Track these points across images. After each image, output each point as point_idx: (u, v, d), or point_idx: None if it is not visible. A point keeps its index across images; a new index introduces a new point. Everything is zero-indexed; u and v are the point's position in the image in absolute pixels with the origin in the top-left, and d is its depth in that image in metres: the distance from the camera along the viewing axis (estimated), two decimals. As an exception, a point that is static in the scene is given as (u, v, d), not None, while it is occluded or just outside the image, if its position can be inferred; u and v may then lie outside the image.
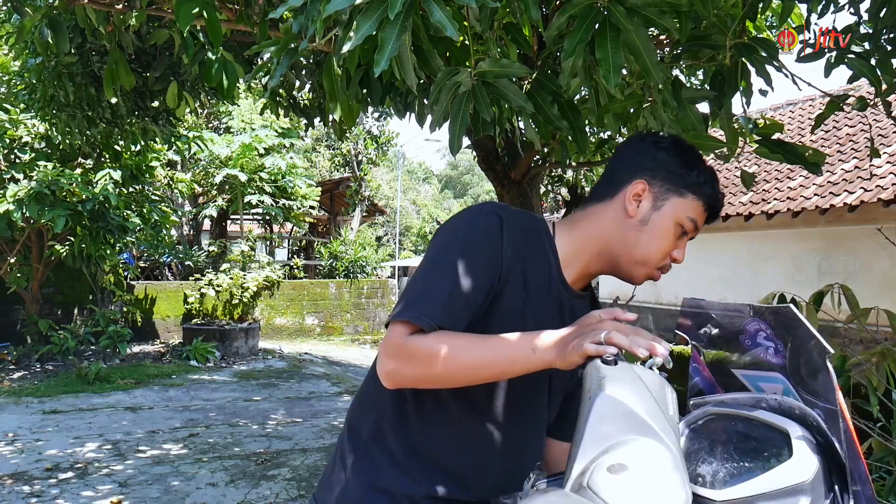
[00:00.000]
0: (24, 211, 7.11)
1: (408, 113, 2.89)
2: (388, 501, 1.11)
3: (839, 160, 7.13)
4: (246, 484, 4.32)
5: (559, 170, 6.34)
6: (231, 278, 11.10)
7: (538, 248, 1.15)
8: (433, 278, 1.07)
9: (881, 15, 1.88)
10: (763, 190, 7.59)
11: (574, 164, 4.73)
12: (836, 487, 0.95)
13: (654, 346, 0.94)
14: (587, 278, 1.22)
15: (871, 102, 2.20)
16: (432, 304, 1.03)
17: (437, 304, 1.03)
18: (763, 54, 1.73)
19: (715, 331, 1.26)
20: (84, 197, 7.44)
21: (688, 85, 2.45)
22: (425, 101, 2.56)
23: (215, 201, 12.13)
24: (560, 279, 1.17)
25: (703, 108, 1.98)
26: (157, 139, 5.64)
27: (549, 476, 1.12)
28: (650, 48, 1.40)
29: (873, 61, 1.97)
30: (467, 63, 1.54)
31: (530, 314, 1.12)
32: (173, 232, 11.73)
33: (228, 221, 13.58)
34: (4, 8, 3.98)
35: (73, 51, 3.77)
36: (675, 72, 2.20)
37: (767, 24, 3.50)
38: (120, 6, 2.98)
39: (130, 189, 8.38)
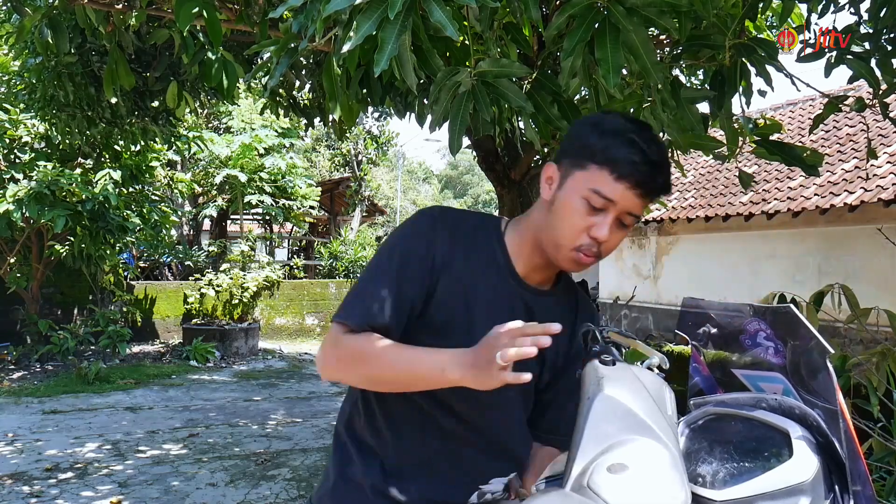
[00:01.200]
0: (23, 211, 7.11)
1: (408, 113, 2.89)
2: (352, 489, 1.17)
3: (839, 160, 7.13)
4: (246, 484, 4.32)
5: (559, 170, 6.33)
6: (231, 278, 11.10)
7: (483, 245, 1.16)
8: (368, 282, 1.12)
9: (881, 15, 1.88)
10: (763, 190, 7.59)
11: (574, 164, 4.73)
12: (837, 487, 0.95)
13: (539, 339, 0.91)
14: (543, 271, 1.18)
15: (870, 103, 2.20)
16: (365, 306, 1.09)
17: (369, 306, 1.09)
18: (762, 54, 1.73)
19: (715, 331, 1.26)
20: (84, 197, 7.44)
21: (688, 85, 2.45)
22: (425, 101, 2.56)
23: (215, 201, 12.13)
24: (510, 273, 1.16)
25: (704, 107, 1.98)
26: (157, 139, 5.64)
27: (547, 478, 1.12)
28: (650, 48, 1.40)
29: (874, 61, 1.97)
30: (467, 63, 1.54)
31: (472, 308, 1.13)
32: (173, 232, 11.73)
33: (228, 221, 13.57)
34: (4, 8, 3.98)
35: (72, 51, 3.77)
36: (675, 72, 2.20)
37: (767, 24, 3.50)
38: (120, 6, 2.98)
39: (130, 189, 8.38)
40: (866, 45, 1.98)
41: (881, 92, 2.04)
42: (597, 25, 1.36)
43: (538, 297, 1.18)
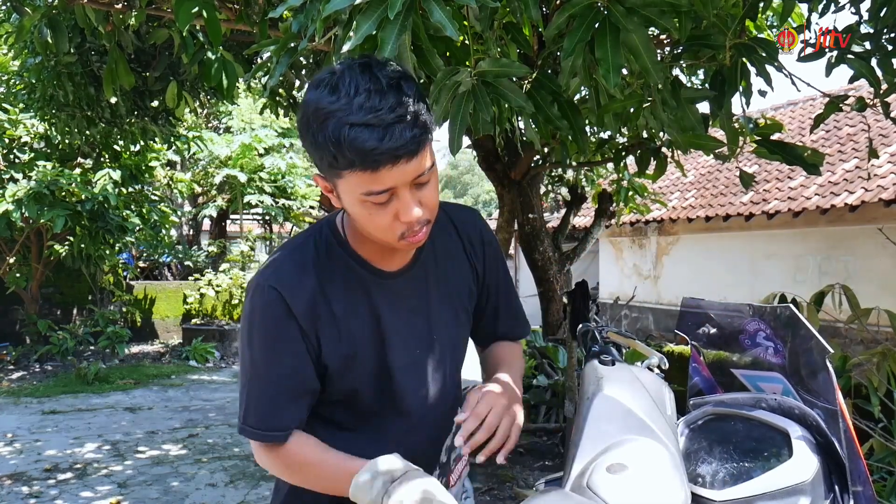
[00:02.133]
0: (23, 211, 7.11)
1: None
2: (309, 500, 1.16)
3: (840, 160, 7.13)
4: (245, 484, 4.31)
5: (559, 170, 6.35)
6: (231, 278, 11.09)
7: (337, 266, 1.09)
8: (255, 385, 1.07)
9: (882, 15, 1.88)
10: (763, 190, 7.59)
11: (574, 164, 4.74)
12: (837, 487, 0.94)
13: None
14: (392, 253, 1.11)
15: (871, 103, 2.20)
16: (266, 415, 1.06)
17: (268, 413, 1.06)
18: (763, 54, 1.73)
19: (714, 331, 1.25)
20: (83, 197, 7.44)
21: (688, 85, 2.45)
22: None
23: (215, 201, 12.12)
24: (371, 272, 1.10)
25: (704, 107, 1.98)
26: (157, 139, 5.64)
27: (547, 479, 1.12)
28: (650, 48, 1.40)
29: (874, 61, 1.97)
30: (467, 63, 1.54)
31: (350, 334, 1.09)
32: (173, 232, 11.73)
33: (228, 221, 13.57)
34: (4, 7, 3.98)
35: (72, 50, 3.77)
36: (676, 71, 2.20)
37: (768, 23, 3.50)
38: (119, 6, 2.97)
39: (130, 189, 8.38)
40: (867, 44, 1.98)
41: (882, 91, 2.03)
42: (597, 25, 1.36)
43: (391, 280, 1.12)
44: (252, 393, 1.07)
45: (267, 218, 13.70)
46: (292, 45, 1.72)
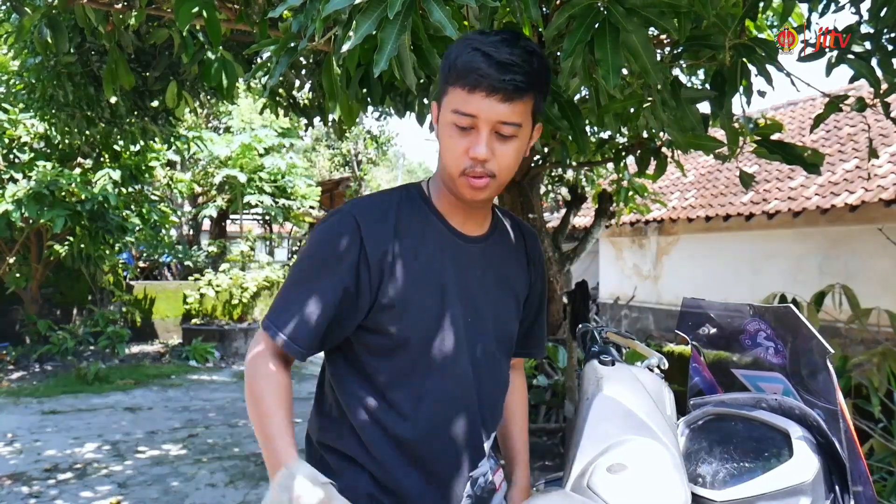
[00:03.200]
0: (23, 211, 7.10)
1: (408, 113, 2.88)
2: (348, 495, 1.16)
3: (840, 160, 7.13)
4: (245, 484, 4.31)
5: (559, 170, 6.35)
6: (230, 278, 11.09)
7: (417, 216, 1.14)
8: (291, 291, 1.11)
9: (882, 14, 1.87)
10: (764, 190, 7.59)
11: (574, 164, 4.73)
12: (837, 488, 0.94)
13: None
14: (468, 213, 1.18)
15: (871, 103, 2.20)
16: (290, 319, 1.08)
17: (292, 319, 1.08)
18: (763, 54, 1.73)
19: (714, 331, 1.25)
20: (83, 197, 7.44)
21: (688, 85, 2.45)
22: (425, 101, 2.56)
23: (215, 201, 12.12)
24: (449, 230, 1.16)
25: (704, 107, 1.98)
26: (157, 139, 5.64)
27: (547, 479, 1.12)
28: (649, 49, 1.40)
29: (874, 61, 1.97)
30: (467, 62, 1.54)
31: (433, 281, 1.12)
32: (173, 232, 11.73)
33: (228, 221, 13.56)
34: (4, 7, 3.98)
35: (72, 50, 3.77)
36: (676, 71, 2.20)
37: (768, 23, 3.50)
38: (119, 6, 2.97)
39: (130, 189, 8.38)
40: (867, 44, 1.97)
41: (882, 92, 2.03)
42: (596, 26, 1.36)
43: (472, 245, 1.18)
44: (290, 299, 1.10)
45: (267, 218, 13.70)
46: (292, 45, 1.72)
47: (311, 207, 13.17)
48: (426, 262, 1.12)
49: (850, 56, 1.96)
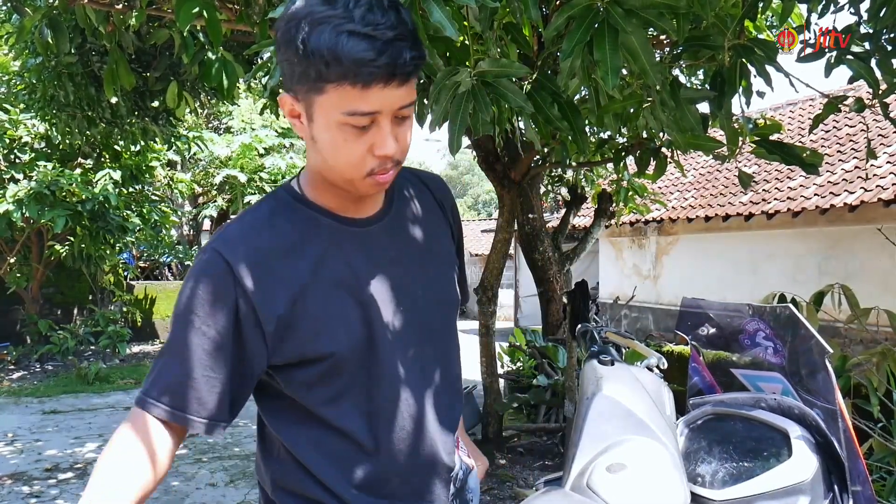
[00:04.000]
0: (23, 211, 7.11)
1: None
2: None
3: (839, 160, 7.13)
4: (245, 484, 4.31)
5: (559, 170, 6.35)
6: (231, 278, 11.09)
7: (298, 221, 0.98)
8: (168, 356, 0.94)
9: (881, 15, 1.88)
10: (763, 190, 7.59)
11: (574, 164, 4.74)
12: (836, 487, 0.95)
13: None
14: (360, 200, 1.01)
15: (870, 104, 2.20)
16: (166, 388, 0.92)
17: (170, 387, 0.92)
18: (762, 55, 1.73)
19: (714, 331, 1.26)
20: (84, 197, 7.45)
21: (688, 85, 2.45)
22: (425, 101, 2.56)
23: (215, 201, 12.13)
24: (339, 221, 1.00)
25: (704, 107, 1.98)
26: (157, 139, 5.64)
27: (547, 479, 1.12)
28: (648, 49, 1.40)
29: (873, 62, 1.97)
30: (467, 63, 1.54)
31: (323, 296, 0.96)
32: (173, 232, 11.74)
33: (228, 221, 13.58)
34: (4, 8, 3.98)
35: (72, 51, 3.78)
36: (675, 72, 2.20)
37: (767, 24, 3.50)
38: (120, 6, 2.98)
39: (130, 189, 8.39)
40: (866, 45, 1.98)
41: (881, 92, 2.03)
42: (596, 26, 1.36)
43: (367, 228, 1.01)
44: (168, 364, 0.93)
45: (267, 218, 13.69)
46: (292, 45, 1.72)
47: (312, 207, 13.16)
48: (326, 266, 0.96)
49: (850, 56, 1.96)
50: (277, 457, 1.01)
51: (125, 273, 10.70)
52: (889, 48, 1.96)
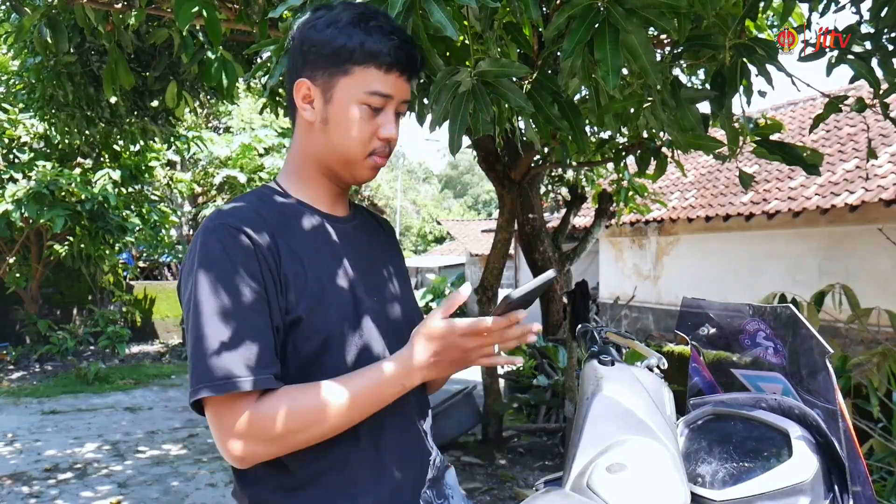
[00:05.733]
0: (22, 211, 7.12)
1: (407, 113, 2.88)
2: None
3: (840, 160, 7.13)
4: (245, 484, 4.32)
5: (559, 170, 6.35)
6: (231, 278, 11.09)
7: (285, 213, 1.04)
8: (213, 330, 0.90)
9: (882, 15, 1.88)
10: (764, 190, 7.59)
11: (574, 164, 4.74)
12: (836, 488, 0.94)
13: (527, 335, 0.95)
14: (340, 198, 1.12)
15: (871, 103, 2.20)
16: (234, 360, 0.89)
17: (238, 358, 0.89)
18: (763, 54, 1.73)
19: (714, 331, 1.25)
20: (83, 197, 7.45)
21: (688, 85, 2.45)
22: (425, 101, 2.56)
23: (215, 201, 12.13)
24: (321, 216, 1.08)
25: (704, 107, 1.98)
26: (157, 139, 5.64)
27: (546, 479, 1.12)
28: (649, 49, 1.40)
29: (874, 61, 1.97)
30: (467, 63, 1.54)
31: (316, 273, 1.00)
32: (173, 232, 11.73)
33: (228, 221, 13.57)
34: (3, 7, 3.98)
35: (72, 50, 3.77)
36: (676, 71, 2.20)
37: (768, 23, 3.50)
38: (119, 5, 2.97)
39: (129, 189, 8.39)
40: (867, 44, 1.98)
41: (882, 92, 2.03)
42: (596, 26, 1.36)
43: (342, 225, 1.10)
44: (212, 338, 0.89)
45: (267, 218, 13.69)
46: (292, 45, 1.72)
47: (311, 207, 13.16)
48: (319, 250, 1.03)
49: (850, 56, 1.96)
50: (255, 476, 1.00)
51: (124, 273, 10.70)
52: (890, 48, 1.96)
